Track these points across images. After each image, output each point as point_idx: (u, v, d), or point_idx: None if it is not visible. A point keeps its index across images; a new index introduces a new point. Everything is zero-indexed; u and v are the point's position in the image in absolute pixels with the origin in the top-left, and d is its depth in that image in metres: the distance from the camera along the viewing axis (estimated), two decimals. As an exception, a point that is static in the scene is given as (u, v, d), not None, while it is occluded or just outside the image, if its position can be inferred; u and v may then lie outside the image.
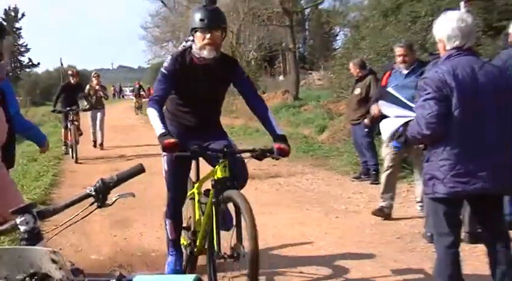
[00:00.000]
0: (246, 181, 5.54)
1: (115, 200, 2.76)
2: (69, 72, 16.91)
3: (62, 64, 52.98)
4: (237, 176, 5.16)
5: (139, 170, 2.88)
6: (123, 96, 72.64)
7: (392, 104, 5.04)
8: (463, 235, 5.44)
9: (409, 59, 8.00)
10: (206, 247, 5.35)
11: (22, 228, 2.46)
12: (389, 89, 5.97)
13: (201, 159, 5.62)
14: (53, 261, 1.87)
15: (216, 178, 5.02)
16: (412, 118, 4.69)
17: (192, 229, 5.79)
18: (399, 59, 8.07)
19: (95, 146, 18.68)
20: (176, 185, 5.69)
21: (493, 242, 4.75)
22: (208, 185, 5.36)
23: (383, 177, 8.37)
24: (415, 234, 7.29)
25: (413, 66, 7.98)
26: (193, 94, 5.46)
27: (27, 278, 1.79)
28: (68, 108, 15.44)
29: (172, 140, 4.76)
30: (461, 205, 4.92)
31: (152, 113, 5.13)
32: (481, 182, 4.51)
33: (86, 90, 18.38)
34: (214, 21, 5.13)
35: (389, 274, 5.96)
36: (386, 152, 8.13)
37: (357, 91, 11.28)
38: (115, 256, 6.86)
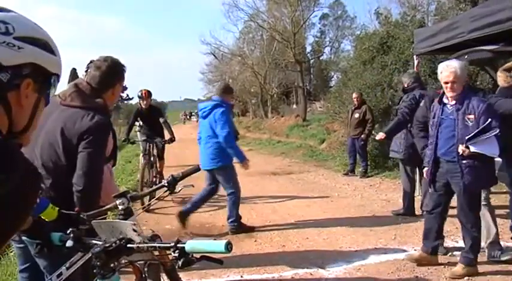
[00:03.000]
0: None
1: (180, 189, 2.82)
2: (138, 93, 9.18)
3: (147, 98, 53.85)
4: None
5: (197, 169, 2.95)
6: (190, 119, 72.08)
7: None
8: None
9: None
10: None
11: (120, 207, 2.52)
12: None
13: None
14: (134, 230, 1.93)
15: None
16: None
17: None
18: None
19: None
20: None
21: None
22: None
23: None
24: (385, 212, 7.26)
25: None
26: None
27: (117, 241, 1.84)
28: (143, 139, 9.09)
29: None
30: None
31: None
32: None
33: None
34: None
35: (367, 238, 5.94)
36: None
37: (356, 116, 11.25)
38: (181, 226, 6.92)
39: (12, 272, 4.77)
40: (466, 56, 7.40)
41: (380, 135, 7.04)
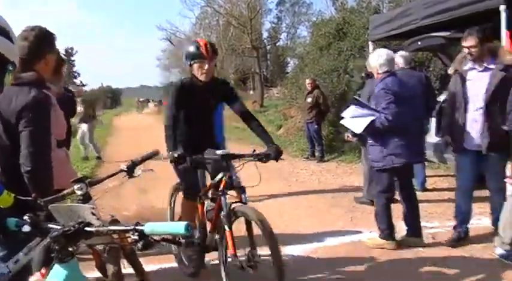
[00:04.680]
0: None
1: (140, 174, 2.81)
2: (191, 48, 3.94)
3: (102, 85, 52.99)
4: None
5: (156, 152, 2.95)
6: (147, 106, 70.05)
7: (360, 107, 4.90)
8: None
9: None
10: None
11: (78, 192, 2.49)
12: (356, 97, 5.41)
13: None
14: (93, 214, 1.91)
15: None
16: (377, 116, 4.68)
17: None
18: None
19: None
20: None
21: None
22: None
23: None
24: (341, 196, 7.40)
25: None
26: None
27: (76, 225, 1.81)
28: (218, 153, 3.77)
29: None
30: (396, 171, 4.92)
31: None
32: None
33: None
34: None
35: (325, 221, 6.06)
36: None
37: (309, 100, 11.46)
38: (139, 212, 6.88)
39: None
40: (419, 43, 7.59)
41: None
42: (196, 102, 4.11)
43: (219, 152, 3.82)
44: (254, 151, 4.15)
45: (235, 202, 3.78)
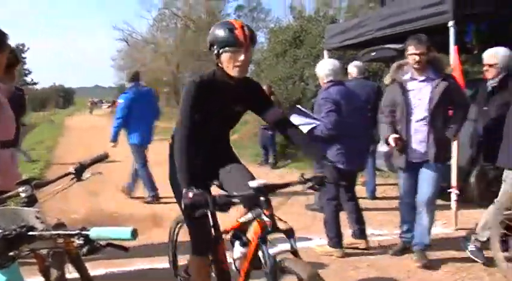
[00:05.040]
0: None
1: (88, 177, 2.76)
2: (222, 30, 2.76)
3: (54, 83, 51.97)
4: None
5: (105, 156, 2.91)
6: (100, 107, 68.79)
7: (302, 115, 5.04)
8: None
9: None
10: None
11: (23, 195, 2.43)
12: (298, 106, 5.56)
13: None
14: (37, 217, 1.87)
15: None
16: (317, 124, 4.83)
17: None
18: None
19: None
20: None
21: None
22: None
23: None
24: (292, 203, 7.43)
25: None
26: None
27: (18, 229, 1.77)
28: (252, 185, 2.71)
29: None
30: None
31: None
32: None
33: None
34: None
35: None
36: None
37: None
38: (88, 215, 6.77)
39: None
40: (372, 53, 7.75)
41: None
42: (217, 105, 2.97)
43: (252, 183, 2.75)
44: (302, 175, 2.98)
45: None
